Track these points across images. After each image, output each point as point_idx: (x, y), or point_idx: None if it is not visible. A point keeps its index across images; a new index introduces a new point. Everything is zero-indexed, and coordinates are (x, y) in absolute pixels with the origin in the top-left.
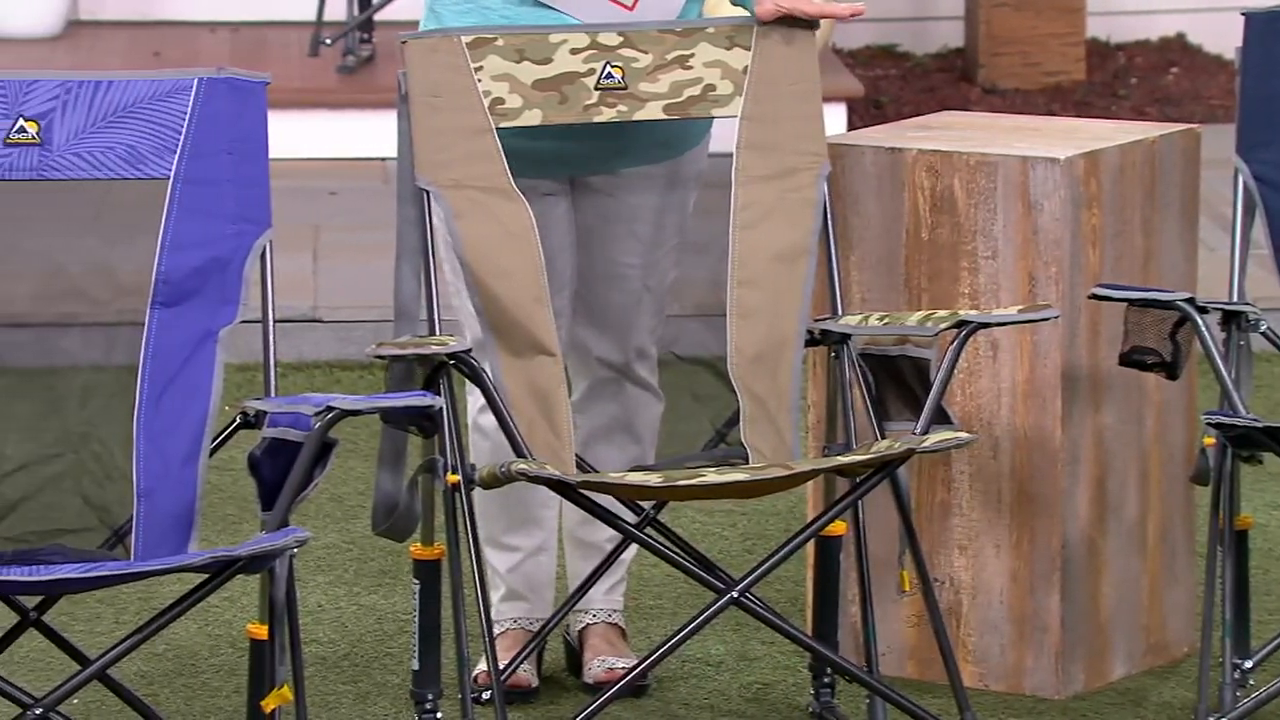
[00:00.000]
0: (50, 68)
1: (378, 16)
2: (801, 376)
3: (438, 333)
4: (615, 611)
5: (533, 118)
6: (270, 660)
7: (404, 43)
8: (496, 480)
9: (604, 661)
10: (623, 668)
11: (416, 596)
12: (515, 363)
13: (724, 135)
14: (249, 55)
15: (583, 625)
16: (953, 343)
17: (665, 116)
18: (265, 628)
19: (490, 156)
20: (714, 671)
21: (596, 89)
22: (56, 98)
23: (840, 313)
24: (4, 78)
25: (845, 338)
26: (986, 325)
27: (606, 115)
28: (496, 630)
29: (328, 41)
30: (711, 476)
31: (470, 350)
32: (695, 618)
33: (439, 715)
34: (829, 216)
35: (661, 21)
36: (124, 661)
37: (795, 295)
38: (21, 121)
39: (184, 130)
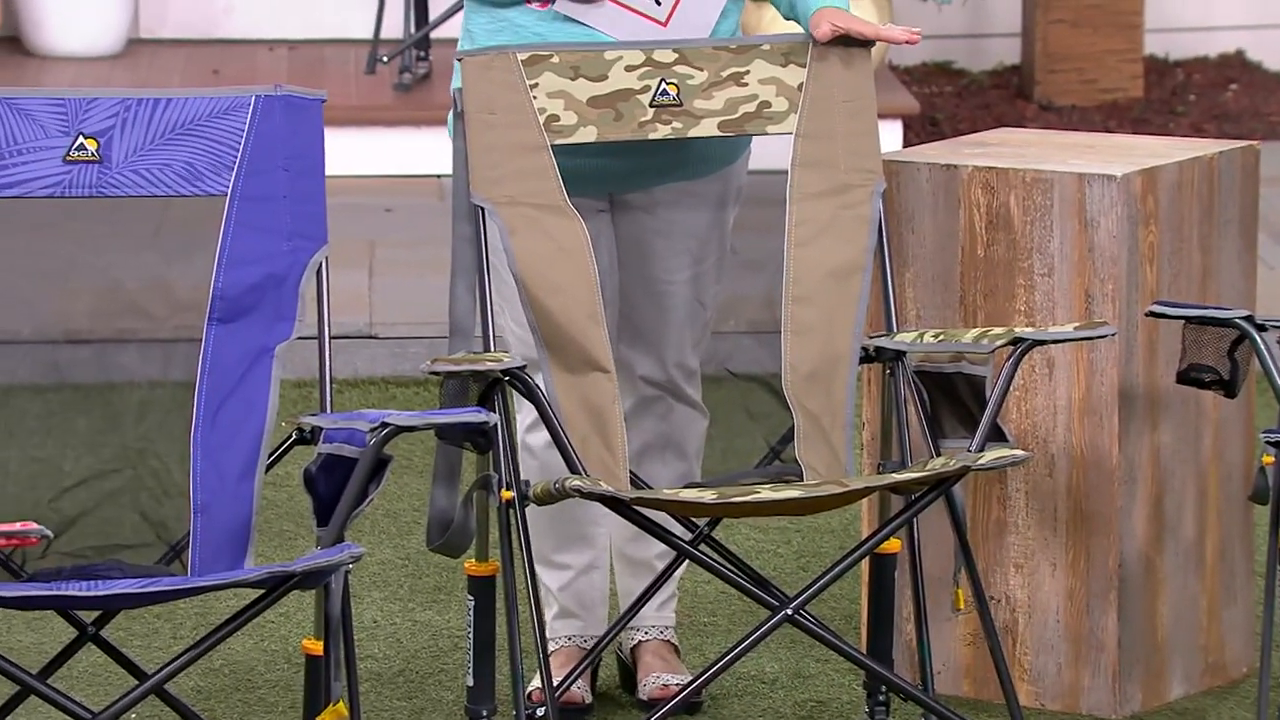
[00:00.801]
0: (110, 85)
1: (434, 34)
2: (856, 393)
3: (492, 349)
4: (668, 628)
5: (587, 134)
6: (325, 676)
7: (459, 60)
8: (550, 496)
9: (657, 678)
10: (676, 684)
11: (471, 612)
12: (569, 379)
13: (779, 152)
14: (306, 73)
15: (635, 642)
16: (1008, 360)
17: (720, 133)
18: (320, 643)
19: (545, 173)
20: (768, 689)
21: (651, 105)
22: (116, 115)
23: (895, 329)
24: (64, 95)
25: (900, 354)
26: (1042, 342)
27: (661, 132)
28: (550, 648)
29: (384, 59)
30: (766, 494)
31: (524, 366)
32: (749, 635)
33: None
34: (884, 233)
35: (716, 39)
36: (181, 676)
37: (850, 312)
38: (81, 139)
39: (241, 147)
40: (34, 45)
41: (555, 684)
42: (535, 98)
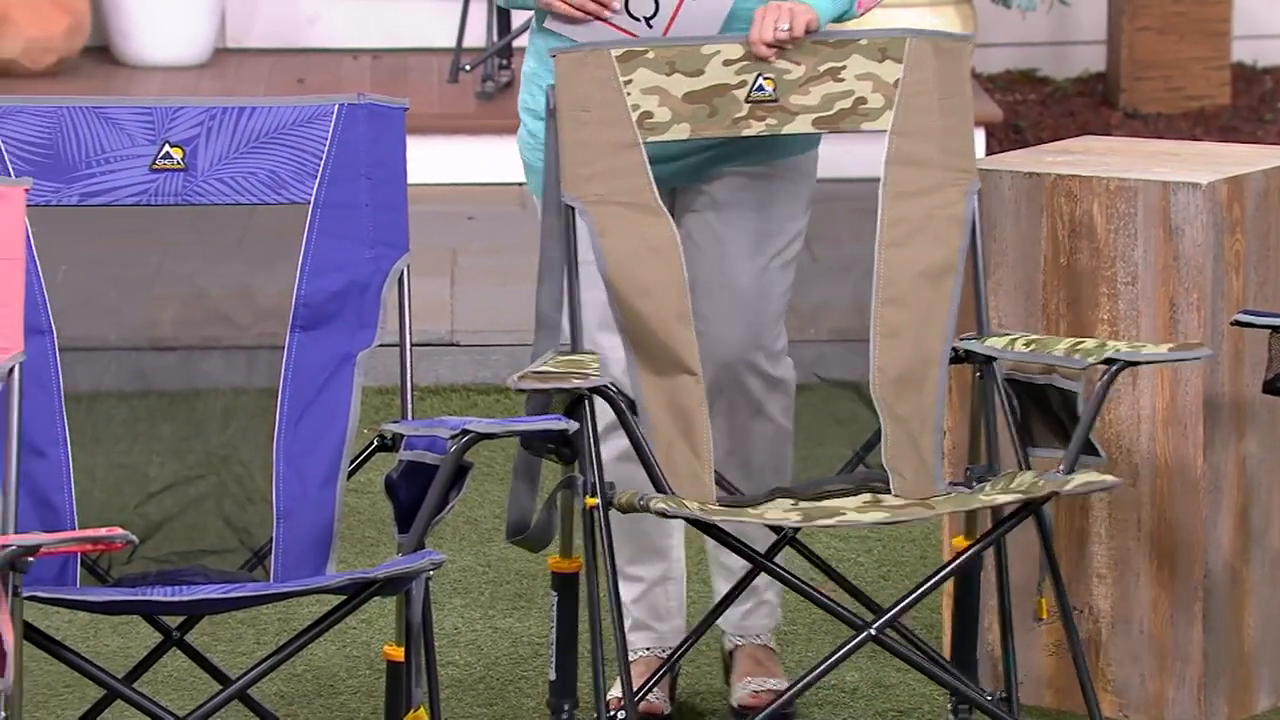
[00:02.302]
0: (196, 94)
1: (516, 43)
2: (945, 397)
3: (581, 345)
4: (761, 634)
5: (680, 131)
6: (407, 682)
7: (554, 56)
8: (634, 509)
9: (749, 684)
10: (771, 689)
11: (554, 608)
12: (656, 380)
13: (869, 159)
14: (390, 81)
15: (731, 647)
16: (1101, 379)
17: (814, 130)
18: (402, 650)
19: (636, 171)
20: (849, 698)
21: (747, 101)
22: (201, 124)
23: (986, 331)
24: (150, 104)
25: (990, 359)
26: (1135, 364)
27: (755, 128)
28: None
29: (467, 68)
30: (852, 515)
31: (611, 384)
32: (832, 653)
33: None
34: (977, 233)
35: (814, 33)
36: (264, 682)
37: (941, 314)
38: (167, 147)
39: (324, 155)
40: (123, 55)
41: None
42: (629, 94)
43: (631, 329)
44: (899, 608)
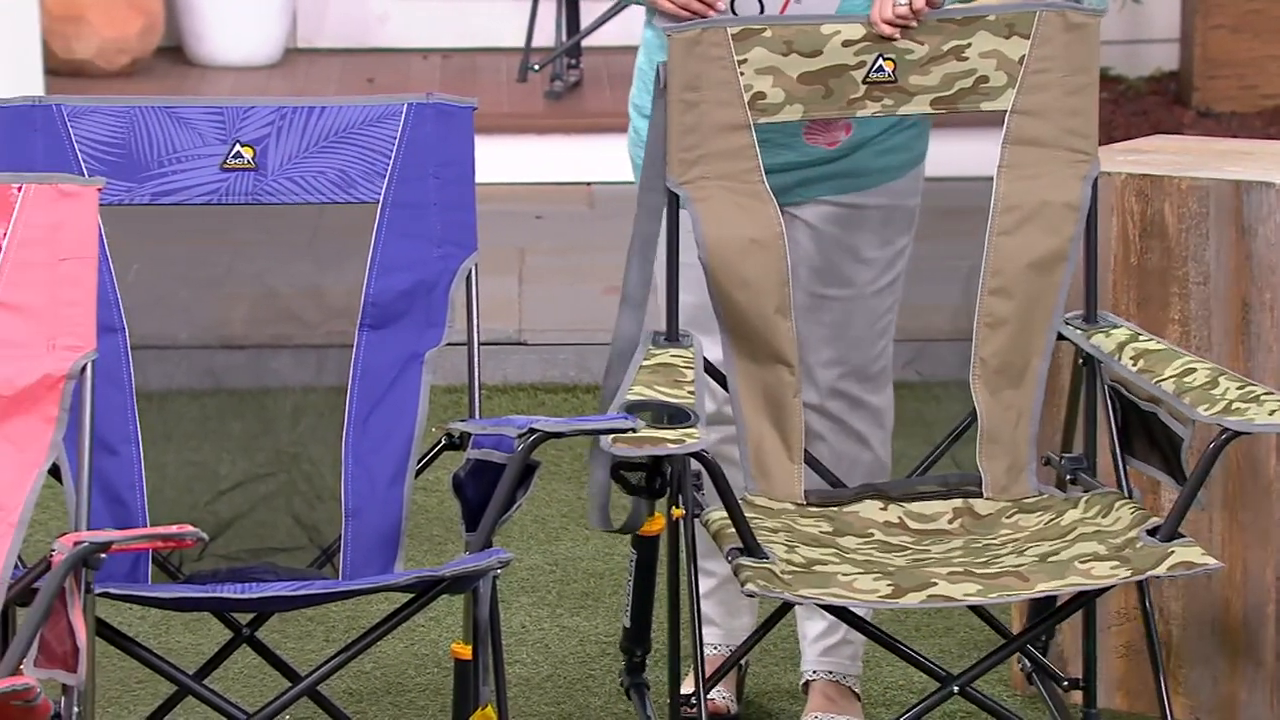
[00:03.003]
0: (267, 94)
1: (585, 42)
2: (1044, 388)
3: (676, 333)
4: (833, 671)
5: (793, 113)
6: (474, 680)
7: (668, 35)
8: (717, 539)
9: (816, 718)
10: None
11: (632, 564)
12: (752, 369)
13: (977, 160)
14: (459, 81)
15: (806, 679)
16: (1211, 444)
17: (932, 110)
18: (469, 648)
19: (745, 154)
20: (918, 695)
21: (864, 82)
22: (271, 123)
23: (1094, 318)
24: (221, 104)
25: (1089, 356)
26: (1248, 432)
27: (870, 109)
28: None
29: (536, 67)
30: (943, 587)
31: (706, 451)
32: (913, 707)
33: (645, 670)
34: (1096, 219)
35: (941, 11)
36: (333, 679)
37: (1048, 305)
38: (238, 147)
39: (393, 154)
40: (195, 56)
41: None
42: (742, 74)
43: (729, 319)
44: (982, 666)
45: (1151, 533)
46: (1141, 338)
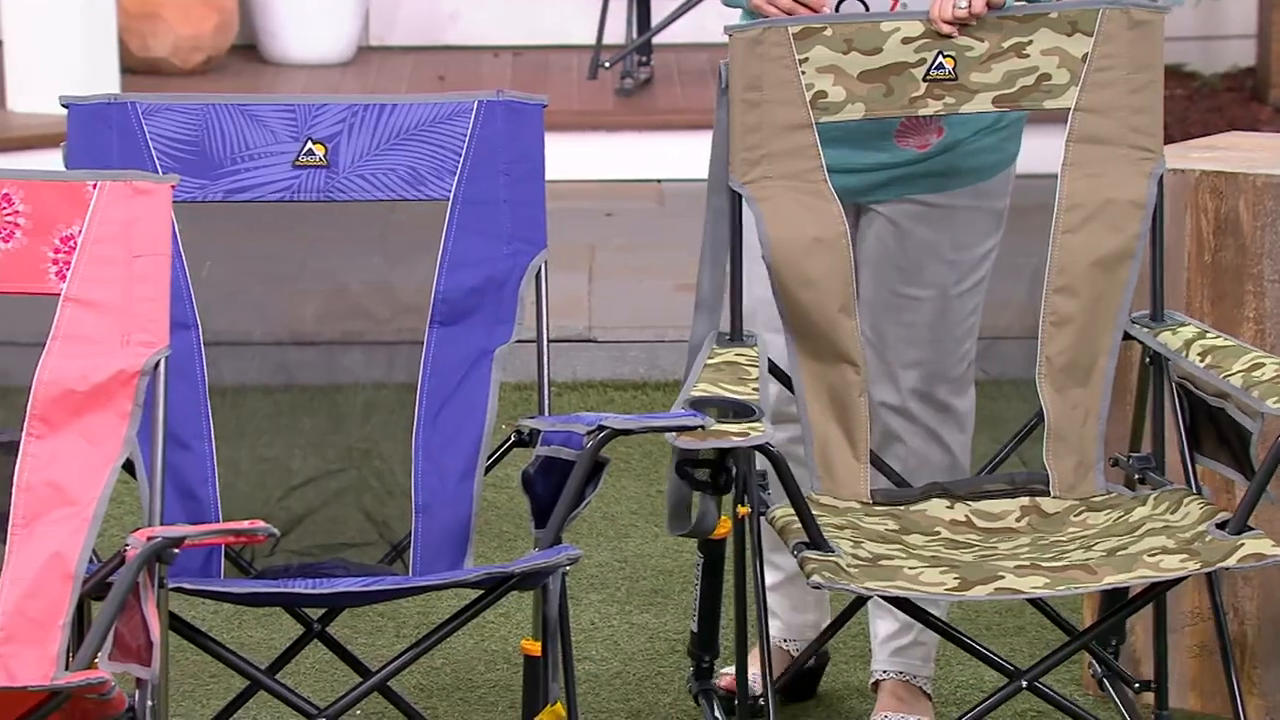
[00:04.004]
0: (339, 92)
1: (656, 39)
2: (1112, 386)
3: (741, 333)
4: (904, 671)
5: (855, 111)
6: (544, 677)
7: (730, 35)
8: (783, 534)
9: (885, 718)
10: None
11: (699, 568)
12: (817, 369)
13: (1047, 156)
14: (530, 78)
15: (876, 679)
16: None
17: (994, 109)
18: (539, 644)
19: (807, 153)
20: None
21: (925, 80)
22: (343, 121)
23: (1161, 317)
24: (294, 101)
25: (1156, 354)
26: None
27: (931, 108)
28: (752, 645)
29: (606, 64)
30: (1010, 580)
31: (771, 444)
32: (981, 702)
33: (714, 675)
34: (1160, 217)
35: (1004, 8)
36: (403, 674)
37: (1114, 304)
38: (310, 144)
39: (463, 152)
40: (269, 54)
41: (753, 677)
42: (804, 73)
43: (794, 318)
44: (1052, 660)
45: (1221, 526)
46: (1209, 335)
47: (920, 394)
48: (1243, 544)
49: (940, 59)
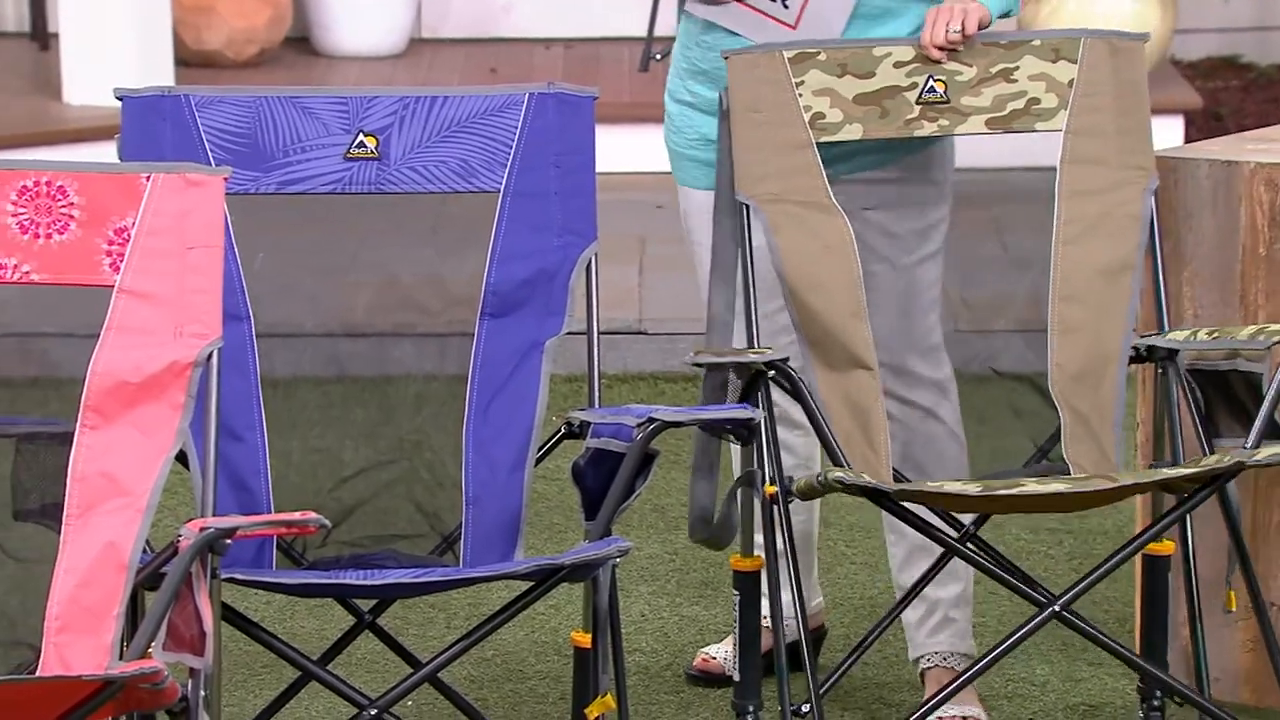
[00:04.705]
0: (392, 84)
1: None
2: (1126, 393)
3: (756, 344)
4: (949, 656)
5: (853, 132)
6: (594, 668)
7: (726, 58)
8: (814, 491)
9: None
10: (960, 716)
11: (737, 608)
12: (832, 376)
13: (1046, 149)
14: (581, 70)
15: (923, 668)
16: None
17: (987, 131)
18: (589, 636)
19: (809, 171)
20: (1039, 692)
21: (918, 103)
22: (395, 113)
23: (1166, 327)
24: (345, 94)
25: (1172, 354)
26: None
27: (927, 130)
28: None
29: (658, 57)
30: (1032, 486)
31: (788, 359)
32: (1015, 631)
33: None
34: (1155, 231)
35: (985, 33)
36: (454, 665)
37: (1120, 311)
38: (361, 136)
39: (514, 144)
40: (322, 46)
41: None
42: (800, 95)
43: (806, 325)
44: (1083, 584)
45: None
46: (1218, 327)
47: (897, 370)
48: (1259, 451)
49: (931, 82)
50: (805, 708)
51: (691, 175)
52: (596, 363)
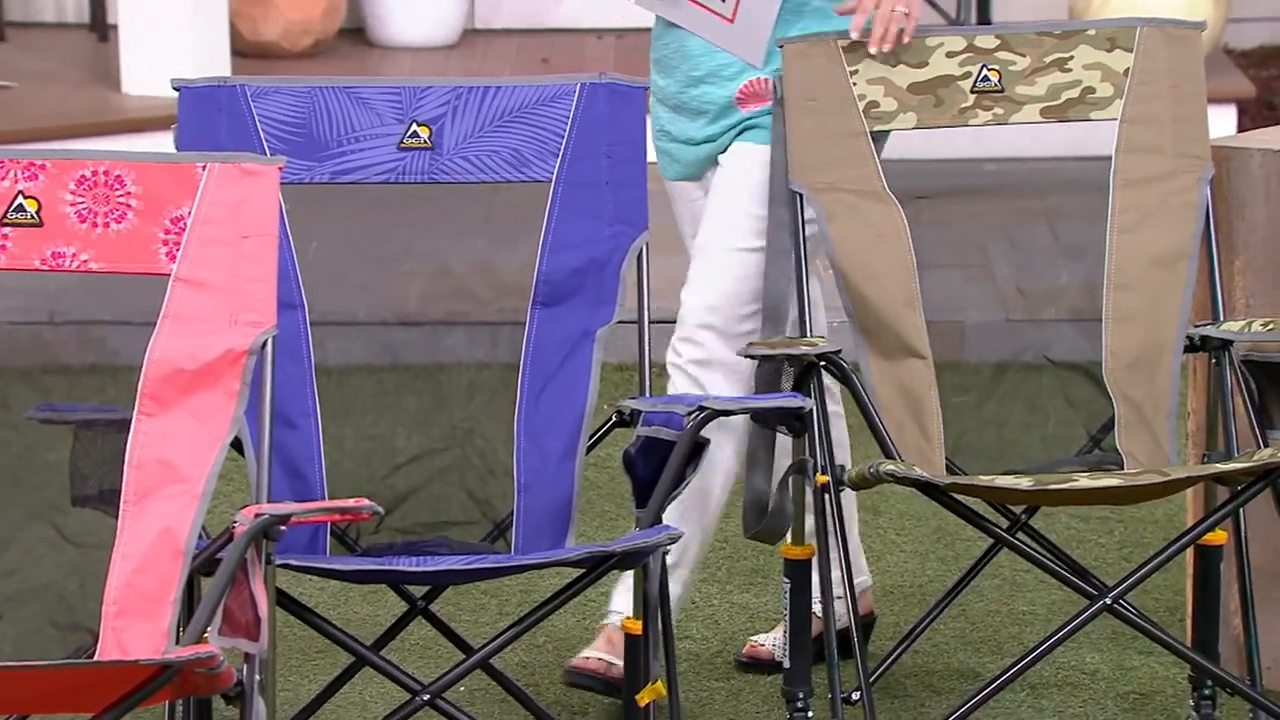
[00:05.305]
0: (445, 75)
1: None
2: (1180, 382)
3: (809, 334)
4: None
5: (907, 121)
6: (644, 655)
7: (781, 47)
8: (865, 481)
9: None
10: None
11: (787, 595)
12: (885, 364)
13: (1102, 138)
14: (632, 61)
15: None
16: None
17: (1042, 120)
18: (640, 623)
19: (864, 159)
20: (1089, 680)
21: (973, 92)
22: (447, 103)
23: (1221, 317)
24: (399, 84)
25: (1226, 344)
26: None
27: (982, 119)
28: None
29: None
30: (1084, 481)
31: (840, 351)
32: (1067, 623)
33: (810, 714)
34: (1210, 220)
35: (1039, 23)
36: (506, 651)
37: (1174, 300)
38: (414, 126)
39: (566, 134)
40: (376, 37)
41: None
42: (855, 84)
43: (859, 313)
44: (1135, 577)
45: None
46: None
47: (693, 341)
48: None
49: (985, 72)
50: (856, 695)
51: (661, 164)
52: (648, 351)
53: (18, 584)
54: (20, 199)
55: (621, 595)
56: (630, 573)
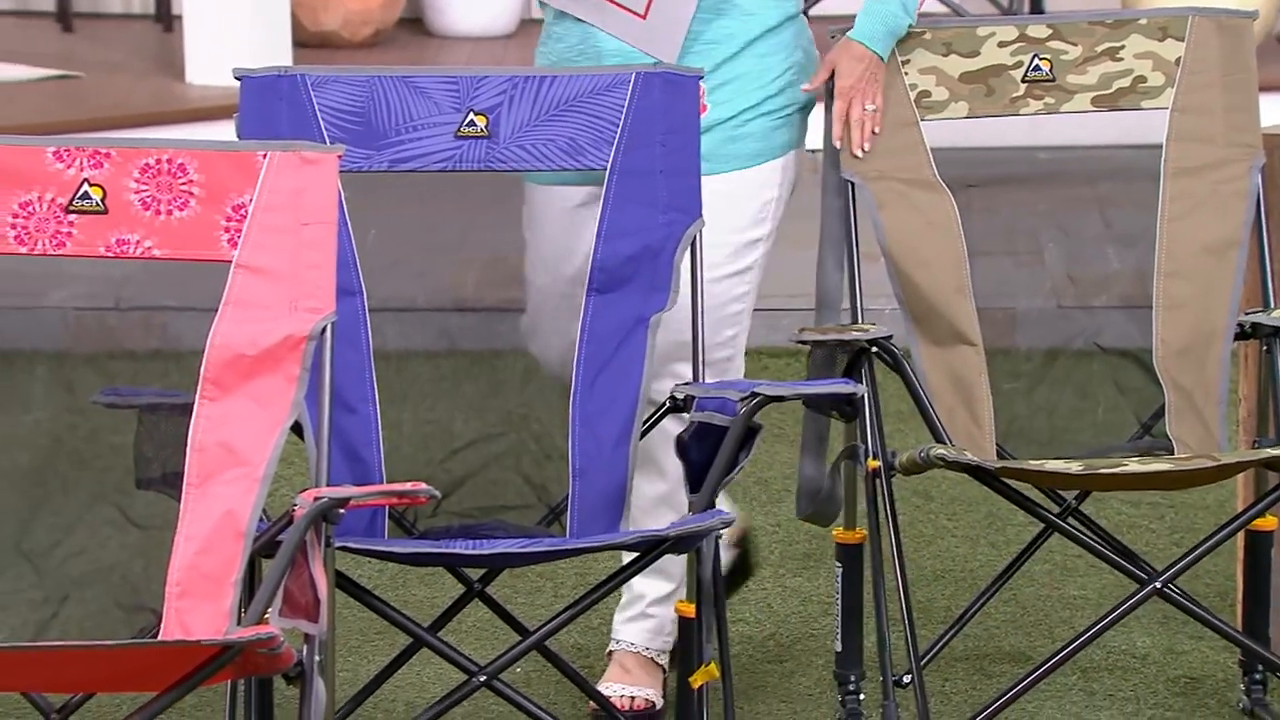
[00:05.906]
0: (502, 64)
1: (813, 10)
2: (1231, 369)
3: (860, 321)
4: (635, 644)
5: (959, 110)
6: (698, 638)
7: (832, 36)
8: (916, 466)
9: (613, 687)
10: (633, 695)
11: (839, 579)
12: (936, 351)
13: (1153, 127)
14: None
15: (609, 650)
16: None
17: (1094, 109)
18: (693, 606)
19: (915, 148)
20: (1140, 664)
21: (1024, 81)
22: (504, 92)
23: (1272, 305)
24: (456, 73)
25: (1277, 331)
26: None
27: (1033, 108)
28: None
29: None
30: (1134, 466)
31: (891, 337)
32: (1117, 607)
33: (861, 696)
34: (1262, 208)
35: (1090, 12)
36: (561, 634)
37: (1225, 288)
38: (471, 115)
39: (621, 123)
40: (435, 27)
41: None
42: (906, 74)
43: (910, 301)
44: (1185, 561)
45: None
46: None
47: (668, 373)
48: None
49: (1037, 61)
50: (907, 678)
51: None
52: (701, 338)
53: (84, 565)
54: (86, 187)
55: (625, 625)
56: (630, 595)
